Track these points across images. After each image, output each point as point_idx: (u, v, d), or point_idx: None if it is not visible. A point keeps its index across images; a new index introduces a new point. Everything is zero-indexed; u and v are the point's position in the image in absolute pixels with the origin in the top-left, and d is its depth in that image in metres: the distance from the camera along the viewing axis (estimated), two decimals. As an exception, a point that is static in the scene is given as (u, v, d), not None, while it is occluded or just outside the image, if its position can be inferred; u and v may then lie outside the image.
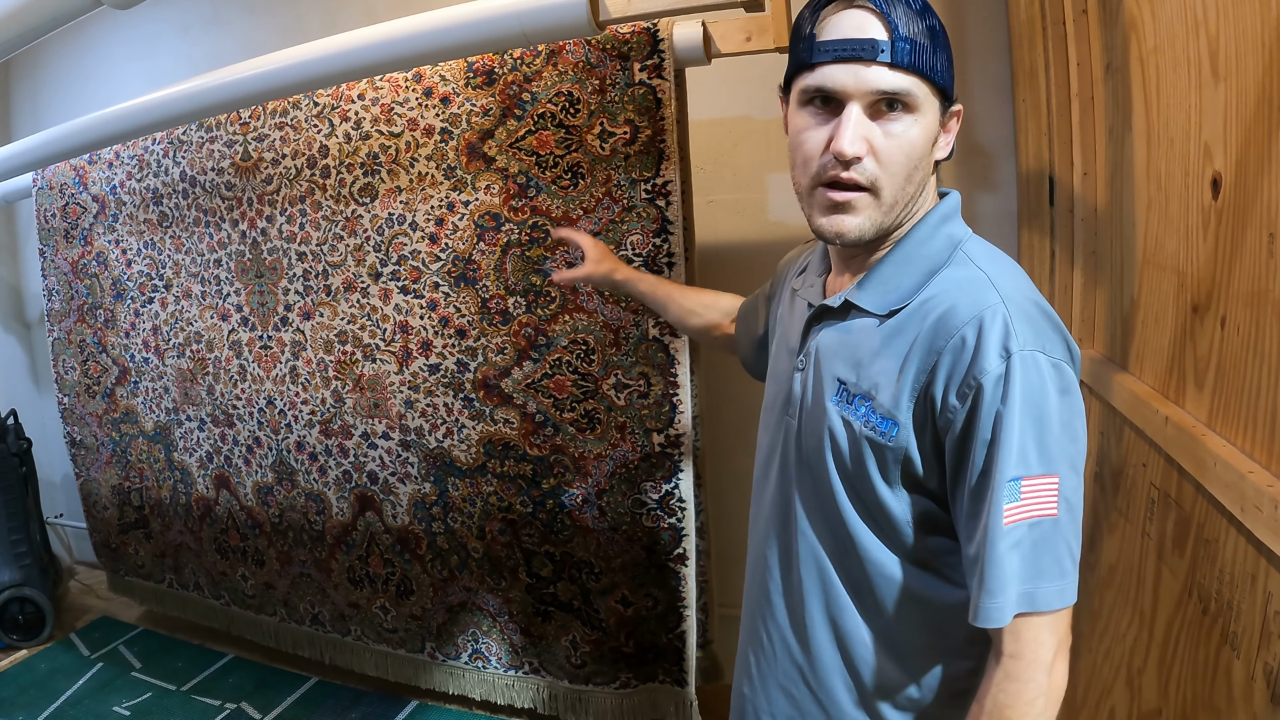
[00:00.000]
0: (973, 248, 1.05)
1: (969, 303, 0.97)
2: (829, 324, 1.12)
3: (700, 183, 2.51)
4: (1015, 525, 0.91)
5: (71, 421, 3.51)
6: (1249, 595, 1.12)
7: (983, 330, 0.94)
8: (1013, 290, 0.98)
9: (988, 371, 0.93)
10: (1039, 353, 0.94)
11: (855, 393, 1.04)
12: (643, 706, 2.45)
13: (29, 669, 3.25)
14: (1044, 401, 0.93)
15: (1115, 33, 1.67)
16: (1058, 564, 0.93)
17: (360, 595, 2.84)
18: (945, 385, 0.96)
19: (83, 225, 3.26)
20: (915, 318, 1.01)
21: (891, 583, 1.05)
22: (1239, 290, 1.17)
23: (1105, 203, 1.81)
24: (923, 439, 1.00)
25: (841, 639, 1.10)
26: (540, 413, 2.34)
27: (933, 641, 1.06)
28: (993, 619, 0.92)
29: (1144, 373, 1.58)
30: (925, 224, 1.07)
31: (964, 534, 0.98)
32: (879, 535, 1.05)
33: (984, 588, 0.93)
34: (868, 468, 1.03)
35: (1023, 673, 0.93)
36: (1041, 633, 0.93)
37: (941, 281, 1.02)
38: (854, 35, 0.96)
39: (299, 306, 2.71)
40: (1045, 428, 0.93)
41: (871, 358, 1.04)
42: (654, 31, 2.03)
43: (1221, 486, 1.17)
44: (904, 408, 1.00)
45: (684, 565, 2.25)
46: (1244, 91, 1.14)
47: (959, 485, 0.98)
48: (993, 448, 0.93)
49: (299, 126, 2.59)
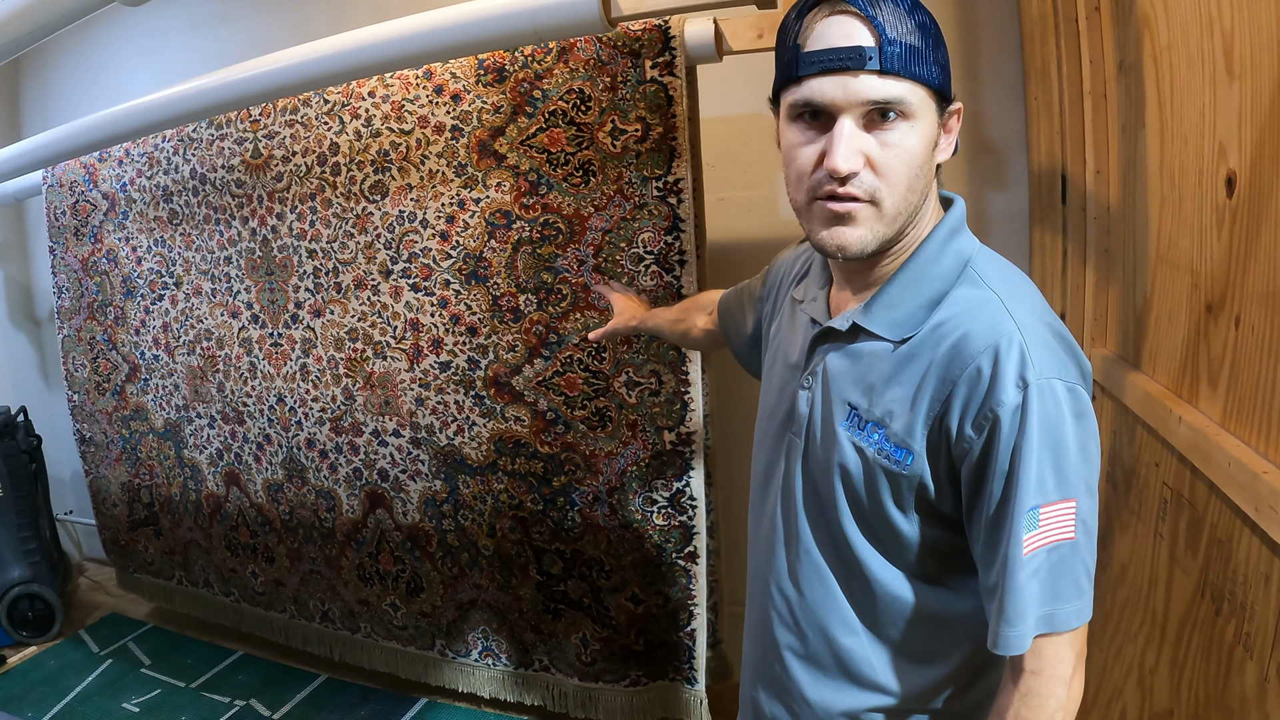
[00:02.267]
0: (983, 265, 1.02)
1: (983, 330, 0.95)
2: (838, 345, 1.08)
3: (711, 180, 2.51)
4: (1034, 554, 0.91)
5: (81, 418, 3.52)
6: (1262, 596, 1.12)
7: (999, 360, 0.92)
8: (1027, 315, 0.96)
9: (1004, 403, 0.91)
10: (1055, 380, 0.92)
11: (868, 419, 1.02)
12: (652, 705, 2.45)
13: (38, 665, 3.26)
14: (1060, 428, 0.92)
15: (1128, 30, 1.67)
16: (1075, 585, 0.93)
17: (370, 592, 2.84)
18: (961, 415, 0.95)
19: (93, 223, 3.26)
20: (928, 344, 0.99)
21: (896, 599, 1.04)
22: (1253, 289, 1.17)
23: (1118, 201, 1.81)
24: (937, 466, 0.99)
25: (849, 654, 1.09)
26: (551, 410, 2.34)
27: (937, 651, 1.06)
28: (1013, 647, 0.92)
29: (1157, 372, 1.58)
30: (933, 240, 1.03)
31: (982, 561, 0.97)
32: (884, 555, 1.04)
33: (1003, 617, 0.92)
34: (880, 495, 1.02)
35: (1043, 689, 0.93)
36: (1061, 649, 0.93)
37: (953, 304, 0.99)
38: (839, 44, 0.91)
39: (309, 304, 2.72)
40: (1062, 454, 0.92)
41: (884, 384, 1.01)
42: (665, 29, 2.03)
43: (1235, 486, 1.17)
44: (918, 436, 0.98)
45: (694, 563, 2.26)
46: (1259, 89, 1.13)
47: (975, 513, 0.97)
48: (1011, 479, 0.92)
49: (309, 124, 2.60)
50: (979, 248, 1.05)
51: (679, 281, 2.12)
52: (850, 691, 1.09)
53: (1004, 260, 1.06)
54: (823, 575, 1.09)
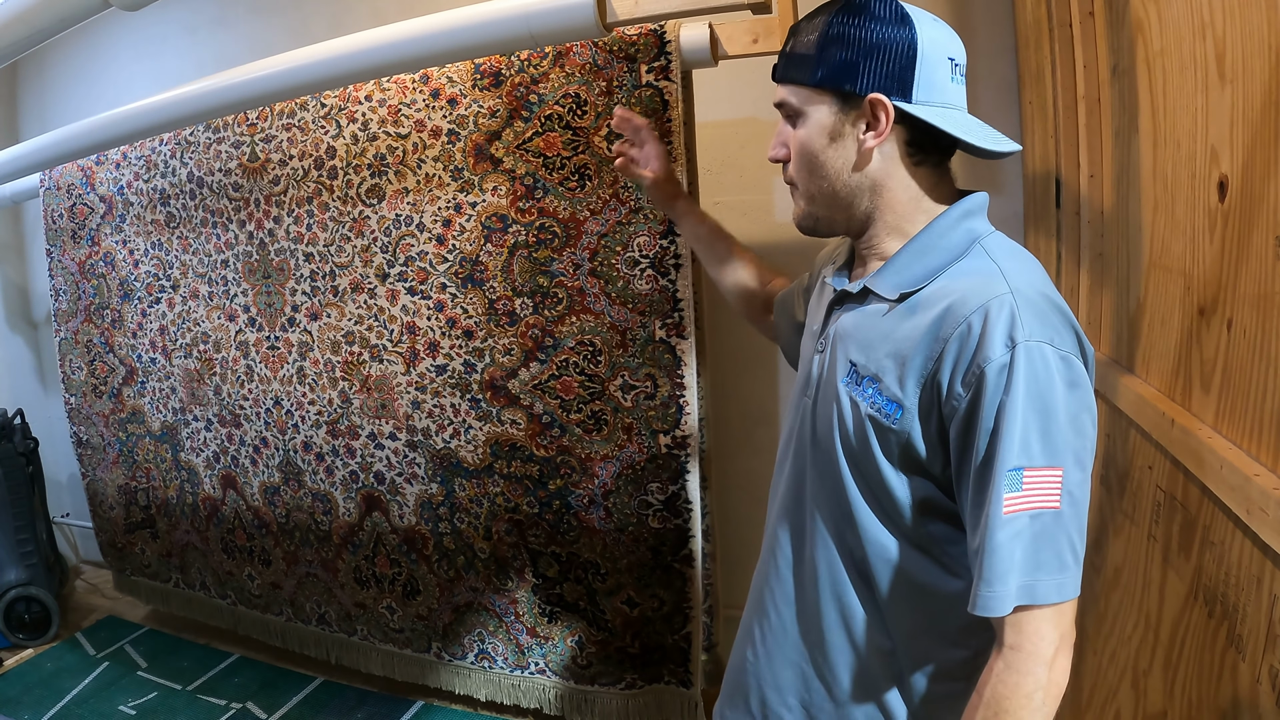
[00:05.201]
0: (993, 243, 1.07)
1: (978, 292, 0.99)
2: (849, 308, 1.15)
3: (707, 184, 2.51)
4: (1016, 515, 0.92)
5: (78, 421, 3.52)
6: (1254, 598, 1.12)
7: (988, 319, 0.96)
8: (1023, 283, 0.99)
9: (991, 360, 0.94)
10: (1046, 344, 0.94)
11: (864, 374, 1.07)
12: (648, 708, 2.45)
13: (35, 668, 3.26)
14: (1050, 393, 0.94)
15: (1122, 35, 1.67)
16: (1058, 557, 0.94)
17: (366, 595, 2.84)
18: (951, 372, 0.98)
19: (90, 225, 3.27)
20: (926, 304, 1.04)
21: (891, 565, 1.07)
22: (1245, 293, 1.17)
23: (1111, 205, 1.81)
24: (928, 425, 1.02)
25: (847, 619, 1.12)
26: (547, 413, 2.34)
27: (928, 626, 1.08)
28: (990, 608, 0.93)
29: (1150, 375, 1.58)
30: (946, 217, 1.09)
31: (969, 524, 1.00)
32: (881, 517, 1.08)
33: (982, 576, 0.94)
34: (872, 448, 1.05)
35: (1022, 664, 0.94)
36: (1043, 626, 0.94)
37: (957, 273, 1.05)
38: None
39: (306, 307, 2.72)
40: (1050, 419, 0.94)
41: (881, 340, 1.06)
42: (661, 33, 2.03)
43: (1227, 489, 1.17)
44: (910, 392, 1.02)
45: (690, 567, 2.26)
46: (1250, 94, 1.14)
47: (963, 473, 1.00)
48: (995, 437, 0.94)
49: (306, 128, 2.60)
50: (992, 231, 1.10)
51: (674, 285, 2.12)
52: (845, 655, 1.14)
53: (1017, 244, 1.10)
54: (825, 536, 1.14)
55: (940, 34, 1.06)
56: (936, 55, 1.04)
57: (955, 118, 1.06)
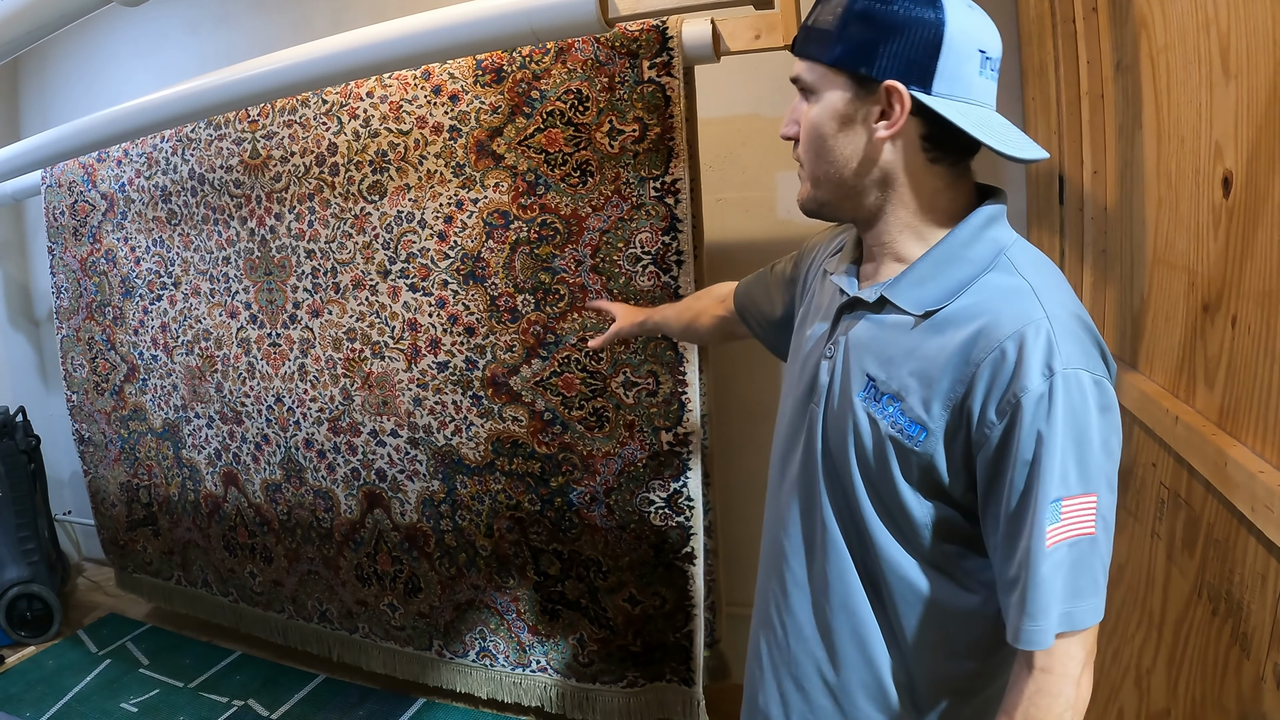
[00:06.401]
0: (1018, 254, 1.02)
1: (1012, 315, 0.94)
2: (862, 315, 1.09)
3: (709, 181, 2.51)
4: (1057, 546, 0.90)
5: (80, 419, 3.52)
6: (1259, 595, 1.12)
7: (1025, 345, 0.92)
8: (1056, 305, 0.95)
9: (1029, 390, 0.91)
10: (1082, 371, 0.92)
11: (884, 391, 1.02)
12: (650, 706, 2.45)
13: (37, 665, 3.26)
14: (1086, 421, 0.91)
15: (1125, 30, 1.67)
16: (1094, 582, 0.92)
17: (368, 593, 2.84)
18: (984, 399, 0.94)
19: (91, 223, 3.27)
20: (954, 323, 0.98)
21: (905, 581, 1.05)
22: (1250, 289, 1.17)
23: (1115, 201, 1.80)
24: (952, 449, 0.98)
25: (858, 631, 1.10)
26: (549, 410, 2.34)
27: (940, 640, 1.06)
28: (1034, 642, 0.92)
29: (1154, 372, 1.57)
30: (969, 225, 1.03)
31: (1001, 553, 0.96)
32: (896, 535, 1.04)
33: (1026, 611, 0.91)
34: (891, 469, 1.02)
35: (1053, 687, 0.93)
36: (1072, 648, 0.93)
37: (983, 288, 0.99)
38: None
39: (308, 304, 2.72)
40: (1086, 447, 0.91)
41: (904, 357, 1.01)
42: (663, 29, 2.03)
43: (1232, 486, 1.17)
44: (936, 415, 0.98)
45: (692, 564, 2.25)
46: (1255, 90, 1.13)
47: (992, 503, 0.97)
48: (1034, 468, 0.91)
49: (308, 124, 2.60)
50: (1016, 239, 1.05)
51: (676, 282, 2.12)
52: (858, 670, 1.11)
53: (1040, 253, 1.06)
54: (839, 551, 1.10)
55: (973, 23, 0.99)
56: (965, 45, 0.98)
57: (978, 115, 1.00)
